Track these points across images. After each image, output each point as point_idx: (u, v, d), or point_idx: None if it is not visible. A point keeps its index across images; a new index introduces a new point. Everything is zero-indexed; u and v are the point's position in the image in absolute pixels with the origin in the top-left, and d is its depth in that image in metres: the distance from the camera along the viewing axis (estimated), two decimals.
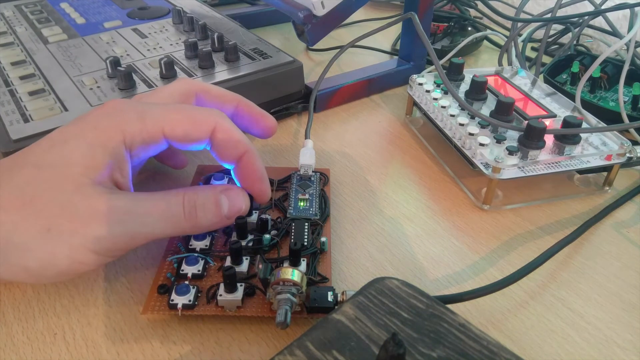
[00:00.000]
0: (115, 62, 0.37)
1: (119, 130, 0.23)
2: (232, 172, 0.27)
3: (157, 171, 0.35)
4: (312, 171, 0.33)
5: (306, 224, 0.28)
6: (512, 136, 0.33)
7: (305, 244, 0.27)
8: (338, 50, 0.43)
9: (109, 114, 0.24)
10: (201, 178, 0.32)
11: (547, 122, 0.35)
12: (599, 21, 0.52)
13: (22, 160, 0.23)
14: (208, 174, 0.32)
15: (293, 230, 0.28)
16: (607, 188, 0.35)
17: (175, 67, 0.38)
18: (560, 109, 0.37)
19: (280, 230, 0.28)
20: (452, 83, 0.40)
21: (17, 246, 0.21)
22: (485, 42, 0.59)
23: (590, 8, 0.48)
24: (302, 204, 0.30)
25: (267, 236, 0.27)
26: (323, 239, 0.28)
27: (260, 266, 0.23)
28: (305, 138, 0.36)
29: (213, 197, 0.25)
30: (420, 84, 0.40)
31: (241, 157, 0.26)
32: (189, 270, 0.25)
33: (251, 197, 0.27)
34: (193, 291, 0.24)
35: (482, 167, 0.32)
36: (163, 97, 0.27)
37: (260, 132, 0.31)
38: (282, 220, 0.29)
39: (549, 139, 0.33)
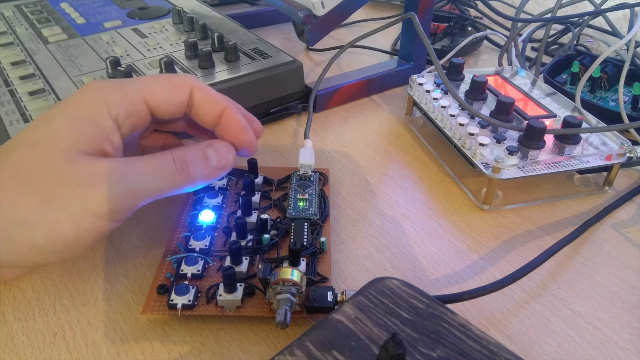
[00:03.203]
0: (115, 62, 0.37)
1: (101, 103, 0.24)
2: (215, 133, 0.27)
3: None
4: (312, 171, 0.33)
5: (306, 223, 0.28)
6: (512, 136, 0.33)
7: (305, 243, 0.27)
8: (338, 50, 0.43)
9: (89, 91, 0.24)
10: None
11: (547, 122, 0.35)
12: (599, 21, 0.52)
13: (11, 143, 0.23)
14: None
15: (292, 230, 0.28)
16: (607, 188, 0.34)
17: (175, 67, 0.38)
18: (560, 109, 0.37)
19: (280, 230, 0.28)
20: (452, 83, 0.40)
21: (20, 223, 0.21)
22: (485, 42, 0.59)
23: (590, 8, 0.48)
24: (301, 203, 0.30)
25: (266, 236, 0.27)
26: (322, 238, 0.28)
27: (260, 266, 0.23)
28: (305, 138, 0.36)
29: (200, 151, 0.25)
30: (420, 84, 0.40)
31: (221, 114, 0.26)
32: (188, 270, 0.25)
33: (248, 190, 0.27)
34: (193, 291, 0.24)
35: (482, 167, 0.32)
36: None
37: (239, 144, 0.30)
38: (282, 220, 0.29)
39: (549, 139, 0.33)
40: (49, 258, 0.23)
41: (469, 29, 0.58)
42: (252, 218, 0.29)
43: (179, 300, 0.23)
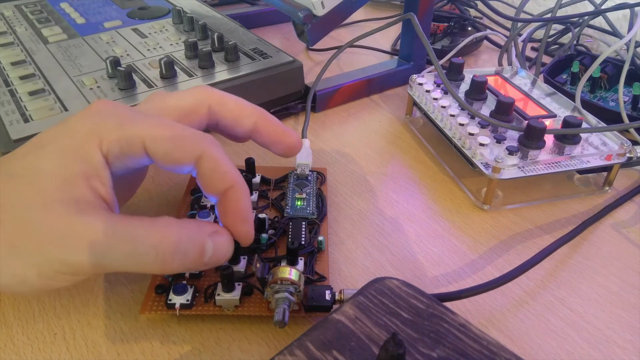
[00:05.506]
0: (115, 62, 0.37)
1: (95, 135, 0.22)
2: (215, 206, 0.24)
3: (157, 171, 0.35)
4: (309, 170, 0.33)
5: (303, 223, 0.28)
6: (512, 136, 0.33)
7: (303, 243, 0.27)
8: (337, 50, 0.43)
9: (89, 116, 0.23)
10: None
11: (547, 122, 0.35)
12: (599, 21, 0.52)
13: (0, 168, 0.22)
14: None
15: (290, 230, 0.28)
16: (607, 188, 0.34)
17: (175, 67, 0.38)
18: (560, 109, 0.37)
19: (278, 230, 0.28)
20: (452, 83, 0.40)
21: None
22: (485, 42, 0.59)
23: (590, 8, 0.48)
24: (299, 203, 0.30)
25: (264, 235, 0.27)
26: (320, 237, 0.28)
27: (258, 265, 0.23)
28: (302, 137, 0.36)
29: (199, 243, 0.22)
30: (420, 84, 0.39)
31: (225, 192, 0.23)
32: None
33: None
34: (191, 291, 0.24)
35: (482, 167, 0.32)
36: (171, 104, 0.26)
37: (281, 151, 0.28)
38: (280, 220, 0.29)
39: (549, 139, 0.33)
40: (19, 294, 0.23)
41: (469, 29, 0.58)
42: None
43: (177, 300, 0.23)
